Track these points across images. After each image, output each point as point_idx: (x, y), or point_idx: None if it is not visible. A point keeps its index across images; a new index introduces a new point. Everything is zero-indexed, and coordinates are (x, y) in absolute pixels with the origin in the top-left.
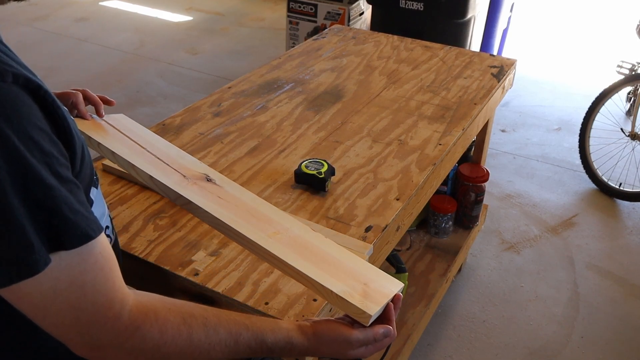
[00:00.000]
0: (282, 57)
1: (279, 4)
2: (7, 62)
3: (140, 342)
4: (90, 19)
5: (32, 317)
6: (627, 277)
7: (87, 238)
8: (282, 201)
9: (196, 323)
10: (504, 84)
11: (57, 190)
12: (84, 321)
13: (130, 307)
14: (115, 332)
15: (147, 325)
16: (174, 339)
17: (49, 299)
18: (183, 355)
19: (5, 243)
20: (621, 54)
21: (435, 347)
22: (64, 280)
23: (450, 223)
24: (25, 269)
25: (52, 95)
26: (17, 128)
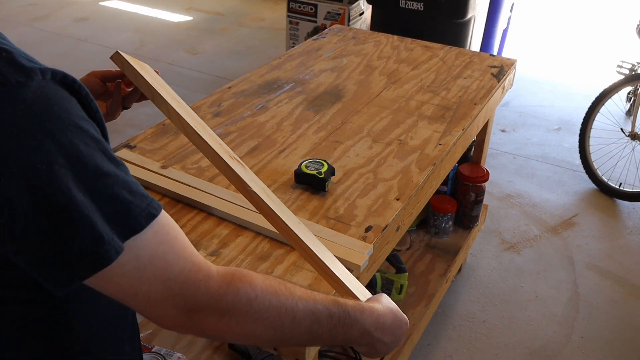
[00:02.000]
0: (282, 57)
1: (279, 4)
2: (36, 61)
3: (235, 298)
4: (90, 19)
5: (123, 299)
6: (627, 277)
7: (152, 217)
8: (282, 201)
9: (278, 282)
10: (504, 84)
11: (115, 177)
12: (176, 289)
13: (218, 268)
14: (210, 292)
15: (238, 280)
16: (262, 292)
17: (136, 278)
18: (271, 312)
19: (75, 238)
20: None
21: (435, 347)
22: (145, 257)
23: (450, 223)
24: (99, 261)
25: (85, 88)
26: (66, 123)
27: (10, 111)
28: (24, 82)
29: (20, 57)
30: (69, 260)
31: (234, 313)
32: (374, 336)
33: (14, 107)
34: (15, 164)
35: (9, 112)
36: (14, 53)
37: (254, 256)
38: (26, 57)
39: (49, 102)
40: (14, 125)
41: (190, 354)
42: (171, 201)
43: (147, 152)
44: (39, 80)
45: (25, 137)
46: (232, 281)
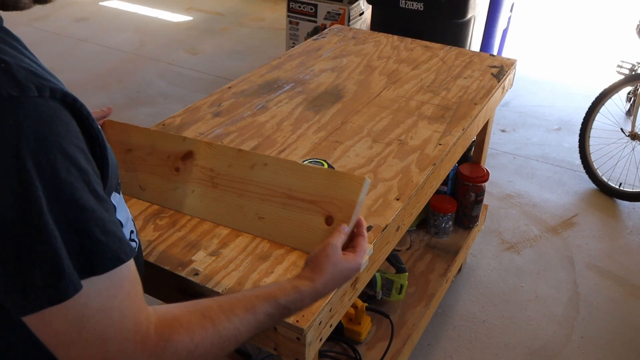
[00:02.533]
0: (282, 57)
1: (279, 4)
2: (42, 76)
3: (174, 354)
4: (90, 19)
5: (54, 348)
6: (627, 277)
7: (119, 262)
8: None
9: (215, 313)
10: (504, 84)
11: (92, 212)
12: (112, 351)
13: (155, 322)
14: (147, 353)
15: (176, 334)
16: (202, 337)
17: (76, 328)
18: (215, 349)
19: (36, 267)
20: (621, 54)
21: (435, 347)
22: (92, 307)
23: (450, 223)
24: (54, 295)
25: (87, 109)
26: (52, 146)
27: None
28: (17, 97)
29: (20, 70)
30: (31, 286)
31: None
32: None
33: (3, 122)
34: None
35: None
36: (12, 65)
37: (254, 256)
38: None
39: (40, 122)
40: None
41: None
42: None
43: None
44: (34, 97)
45: (6, 154)
46: (171, 336)
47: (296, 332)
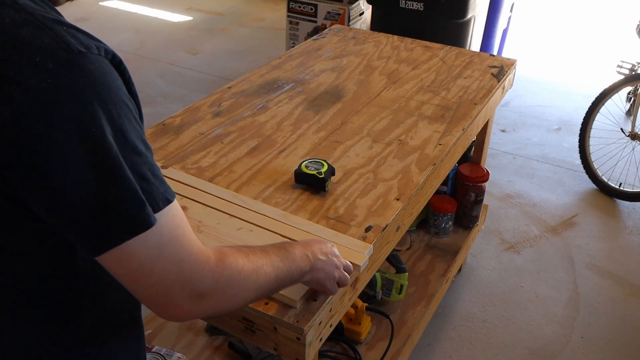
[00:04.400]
0: (282, 57)
1: (279, 4)
2: (95, 37)
3: (229, 273)
4: (90, 19)
5: (136, 279)
6: (627, 277)
7: (168, 202)
8: (282, 201)
9: (242, 249)
10: (504, 84)
11: (145, 157)
12: (187, 271)
13: (210, 249)
14: (212, 272)
15: (227, 257)
16: (243, 262)
17: (155, 255)
18: (252, 276)
19: (122, 201)
20: (621, 54)
21: (435, 347)
22: (166, 235)
23: (450, 223)
24: (140, 224)
25: (128, 72)
26: (117, 96)
27: (70, 77)
28: (85, 53)
29: (79, 32)
30: (111, 221)
31: (229, 287)
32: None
33: (74, 74)
34: (71, 126)
35: (69, 77)
36: (73, 28)
37: None
38: (84, 32)
39: (104, 75)
40: (74, 89)
41: (190, 354)
42: None
43: None
44: (95, 54)
45: (81, 102)
46: (224, 258)
47: (296, 332)
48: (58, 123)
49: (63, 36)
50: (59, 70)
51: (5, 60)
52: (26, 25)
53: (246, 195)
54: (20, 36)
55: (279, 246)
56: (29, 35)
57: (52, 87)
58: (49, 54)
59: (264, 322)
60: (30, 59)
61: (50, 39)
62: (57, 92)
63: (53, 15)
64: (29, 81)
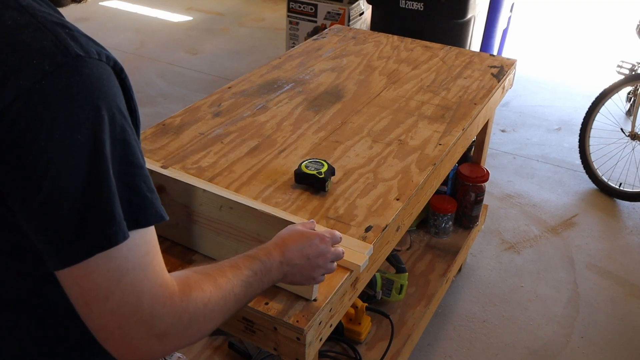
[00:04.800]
0: (282, 57)
1: (279, 4)
2: (97, 42)
3: (194, 308)
4: (90, 19)
5: (89, 302)
6: (627, 277)
7: (160, 218)
8: (282, 201)
9: (211, 272)
10: (504, 84)
11: (140, 169)
12: (146, 306)
13: (176, 280)
14: (174, 309)
15: (193, 291)
16: (210, 291)
17: (116, 279)
18: (221, 303)
19: (91, 212)
20: (621, 54)
21: (435, 347)
22: (132, 260)
23: (450, 223)
24: (105, 241)
25: (129, 80)
26: (114, 104)
27: (65, 80)
28: (83, 57)
29: (81, 36)
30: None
31: (194, 323)
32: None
33: (70, 77)
34: (59, 128)
35: (66, 81)
36: (74, 31)
37: None
38: (86, 36)
39: (100, 80)
40: (65, 93)
41: (190, 354)
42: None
43: (147, 152)
44: (95, 59)
45: (73, 106)
46: (190, 292)
47: (296, 332)
48: (46, 124)
49: (63, 39)
50: (55, 73)
51: (4, 62)
52: (27, 28)
53: (246, 195)
54: (21, 39)
55: (253, 257)
56: (29, 38)
57: (45, 88)
58: (47, 57)
59: (264, 322)
60: (28, 61)
61: (49, 41)
62: (50, 94)
63: (56, 18)
64: (24, 82)
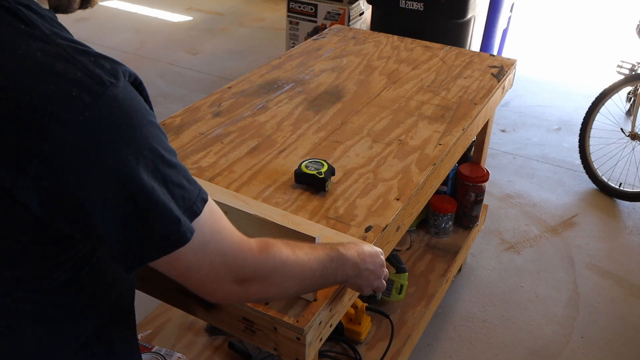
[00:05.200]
0: (282, 57)
1: (279, 4)
2: (116, 61)
3: (273, 262)
4: (90, 19)
5: (187, 276)
6: (627, 277)
7: (205, 201)
8: (282, 201)
9: (292, 243)
10: (504, 84)
11: (179, 167)
12: (231, 260)
13: (254, 241)
14: (254, 261)
15: (271, 248)
16: (288, 255)
17: (200, 254)
18: (297, 269)
19: (158, 222)
20: (621, 54)
21: (435, 347)
22: (207, 233)
23: (450, 223)
24: (177, 241)
25: (146, 90)
26: (146, 118)
27: (107, 109)
28: (115, 83)
29: (104, 59)
30: (151, 241)
31: (273, 275)
32: (360, 266)
33: (111, 106)
34: (109, 159)
35: (107, 110)
36: (97, 57)
37: None
38: (107, 58)
39: (133, 101)
40: (110, 121)
41: (190, 354)
42: None
43: None
44: (123, 80)
45: (119, 134)
46: (268, 249)
47: (296, 332)
48: (96, 157)
49: (93, 69)
50: (96, 104)
51: (42, 94)
52: (59, 60)
53: (246, 195)
54: (56, 70)
55: (331, 246)
56: (62, 69)
57: (89, 120)
58: (84, 88)
59: (264, 322)
60: (68, 93)
61: (82, 72)
62: (95, 126)
63: (80, 45)
64: (68, 115)
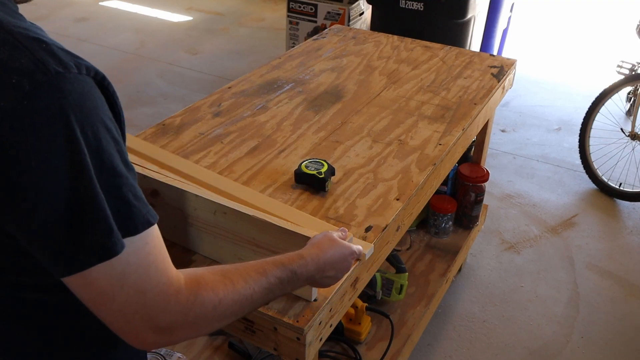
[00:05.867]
0: (282, 57)
1: (279, 4)
2: (75, 54)
3: (201, 309)
4: (90, 19)
5: (97, 305)
6: (627, 277)
7: (148, 224)
8: (282, 201)
9: (232, 274)
10: (504, 84)
11: (125, 179)
12: (150, 303)
13: (184, 279)
14: (179, 307)
15: (203, 290)
16: (224, 294)
17: (118, 284)
18: (235, 307)
19: (88, 227)
20: (621, 54)
21: (435, 347)
22: (133, 263)
23: (450, 223)
24: (105, 252)
25: (112, 87)
26: (96, 118)
27: (49, 99)
28: (63, 73)
29: (58, 49)
30: (80, 247)
31: (201, 321)
32: (315, 277)
33: (53, 96)
34: (46, 148)
35: (48, 100)
36: (51, 45)
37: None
38: (63, 50)
39: (83, 96)
40: (50, 113)
41: (190, 354)
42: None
43: None
44: (75, 73)
45: (58, 125)
46: (198, 292)
47: (296, 332)
48: (33, 145)
49: (41, 56)
50: (36, 92)
51: None
52: (3, 46)
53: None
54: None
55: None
56: (6, 56)
57: (28, 109)
58: (26, 75)
59: (264, 322)
60: (8, 81)
61: (27, 59)
62: (34, 114)
63: (33, 33)
64: (6, 103)
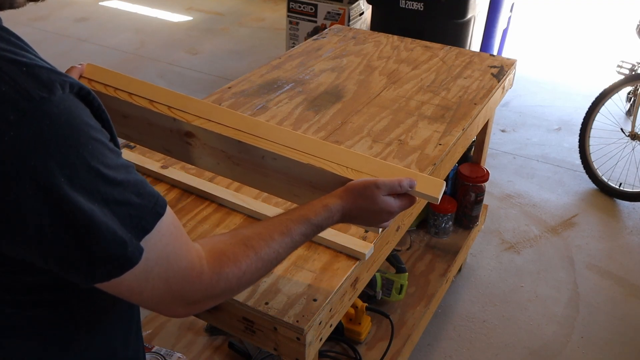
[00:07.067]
0: (282, 57)
1: (279, 4)
2: (58, 71)
3: (226, 283)
4: (90, 19)
5: (128, 297)
6: (627, 277)
7: (158, 216)
8: (282, 201)
9: (255, 242)
10: (504, 84)
11: (126, 183)
12: (175, 287)
13: (206, 259)
14: (204, 285)
15: (225, 267)
16: (248, 265)
17: (143, 279)
18: (260, 272)
19: (98, 245)
20: (621, 54)
21: (435, 347)
22: (152, 258)
23: (450, 223)
24: (125, 263)
25: (98, 99)
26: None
27: (36, 128)
28: (47, 97)
29: (39, 69)
30: (95, 264)
31: (227, 292)
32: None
33: (40, 123)
34: (38, 180)
35: (35, 128)
36: (32, 66)
37: None
38: (45, 68)
39: (70, 116)
40: (39, 140)
41: (190, 354)
42: (173, 198)
43: (147, 152)
44: (60, 94)
45: (48, 154)
46: (221, 269)
47: (296, 332)
48: (24, 178)
49: (22, 82)
50: (21, 122)
51: None
52: None
53: (246, 195)
54: None
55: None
56: None
57: (14, 140)
58: (9, 104)
59: (264, 322)
60: None
61: (8, 86)
62: (21, 146)
63: (10, 53)
64: None
